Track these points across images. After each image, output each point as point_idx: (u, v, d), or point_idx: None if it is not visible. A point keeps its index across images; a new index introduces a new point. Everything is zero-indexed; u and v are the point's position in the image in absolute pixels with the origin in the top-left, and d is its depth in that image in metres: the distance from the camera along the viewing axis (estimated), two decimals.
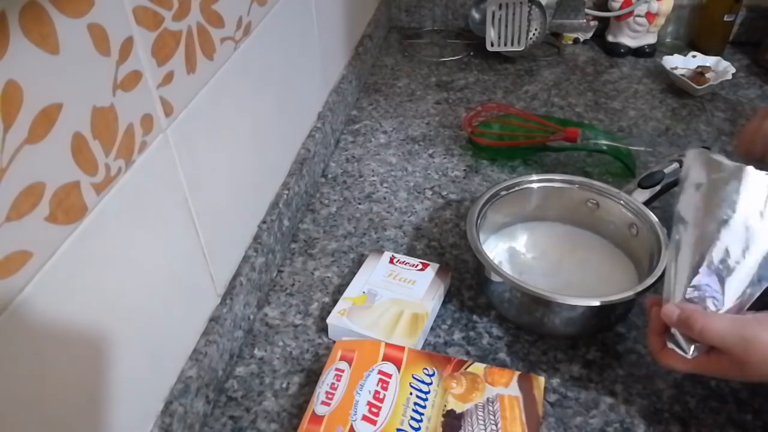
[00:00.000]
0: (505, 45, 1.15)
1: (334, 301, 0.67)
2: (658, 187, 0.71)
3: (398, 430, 0.51)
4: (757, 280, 0.46)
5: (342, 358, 0.57)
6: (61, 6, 0.35)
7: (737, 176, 0.46)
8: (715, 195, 0.47)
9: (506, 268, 0.61)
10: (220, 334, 0.59)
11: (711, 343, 0.45)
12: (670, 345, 0.47)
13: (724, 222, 0.46)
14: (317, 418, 0.52)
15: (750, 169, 0.46)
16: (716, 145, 0.94)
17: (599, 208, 0.72)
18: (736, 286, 0.46)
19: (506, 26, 1.12)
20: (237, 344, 0.63)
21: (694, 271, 0.47)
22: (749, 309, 0.47)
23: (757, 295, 0.47)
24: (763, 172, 0.46)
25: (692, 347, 0.47)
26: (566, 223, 0.74)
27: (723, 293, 0.46)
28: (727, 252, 0.46)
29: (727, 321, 0.45)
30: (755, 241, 0.45)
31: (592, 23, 1.25)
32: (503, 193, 0.72)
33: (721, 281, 0.46)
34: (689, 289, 0.47)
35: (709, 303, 0.47)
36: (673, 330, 0.48)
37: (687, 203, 0.50)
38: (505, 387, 0.54)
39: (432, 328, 0.66)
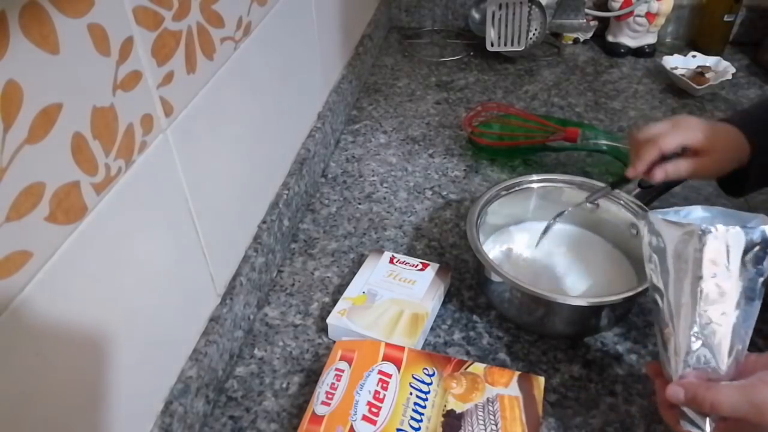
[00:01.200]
0: (505, 45, 1.15)
1: (334, 301, 0.67)
2: (658, 187, 0.71)
3: (398, 430, 0.51)
4: (744, 333, 0.46)
5: (342, 358, 0.57)
6: (61, 6, 0.35)
7: (695, 235, 0.45)
8: (680, 259, 0.46)
9: (506, 268, 0.61)
10: (220, 334, 0.59)
11: (724, 416, 0.44)
12: (686, 426, 0.46)
13: (696, 285, 0.45)
14: (317, 418, 0.52)
15: (707, 227, 0.44)
16: None
17: (599, 208, 0.72)
18: (726, 346, 0.45)
19: (506, 26, 1.12)
20: (237, 344, 0.63)
21: (685, 343, 0.46)
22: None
23: (747, 341, 0.46)
24: (721, 227, 0.45)
25: (707, 422, 0.45)
26: (566, 223, 0.74)
27: (716, 358, 0.46)
28: (707, 317, 0.45)
29: (734, 391, 0.44)
30: (729, 297, 0.45)
31: (592, 23, 1.25)
32: (503, 193, 0.72)
33: (711, 347, 0.45)
34: (684, 364, 0.46)
35: (709, 371, 0.46)
36: (684, 408, 0.47)
37: (656, 271, 0.49)
38: (505, 387, 0.54)
39: (432, 328, 0.66)
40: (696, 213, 0.50)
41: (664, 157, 0.61)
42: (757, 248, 0.44)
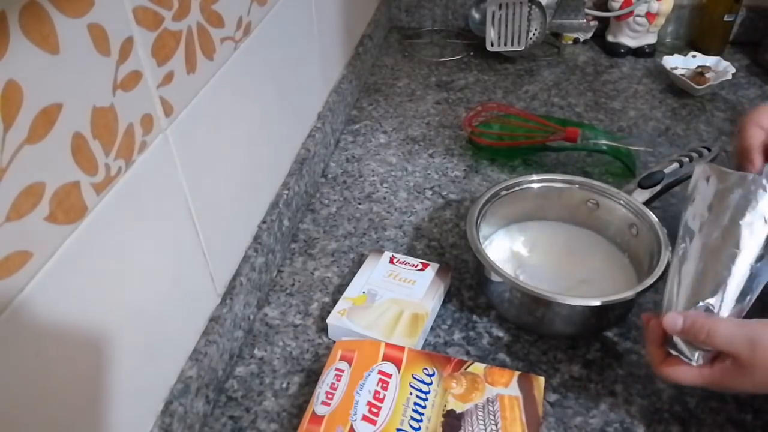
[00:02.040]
0: (505, 45, 1.15)
1: (334, 301, 0.67)
2: (658, 187, 0.71)
3: (398, 430, 0.51)
4: (756, 286, 0.46)
5: (342, 358, 0.57)
6: (61, 6, 0.35)
7: (741, 184, 0.47)
8: (720, 204, 0.48)
9: (506, 268, 0.61)
10: (220, 334, 0.59)
11: (718, 348, 0.45)
12: (673, 353, 0.47)
13: (729, 228, 0.47)
14: (317, 418, 0.52)
15: (755, 176, 0.46)
16: (717, 144, 0.94)
17: (599, 208, 0.72)
18: (735, 292, 0.46)
19: (506, 26, 1.12)
20: (237, 344, 0.63)
21: (701, 283, 0.47)
22: (746, 316, 0.48)
23: (754, 298, 0.47)
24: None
25: (696, 353, 0.46)
26: (566, 223, 0.74)
27: (726, 299, 0.46)
28: (729, 258, 0.46)
29: (733, 324, 0.45)
30: (755, 242, 0.46)
31: (592, 23, 1.25)
32: (503, 193, 0.72)
33: (726, 288, 0.46)
34: (693, 300, 0.47)
35: (713, 310, 0.47)
36: (676, 339, 0.48)
37: (694, 215, 0.51)
38: (505, 387, 0.54)
39: (432, 328, 0.66)
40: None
41: None
42: None
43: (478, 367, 0.56)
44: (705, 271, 0.47)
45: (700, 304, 0.47)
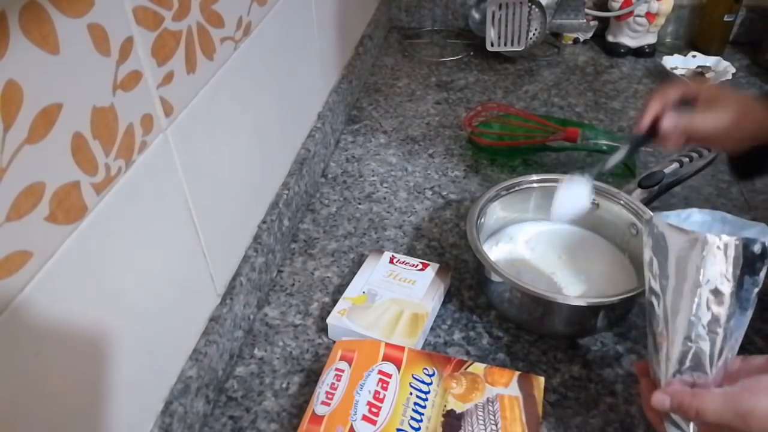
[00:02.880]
0: (505, 45, 1.15)
1: (334, 301, 0.67)
2: (658, 187, 0.71)
3: (398, 430, 0.51)
4: (734, 341, 0.46)
5: (342, 358, 0.57)
6: (61, 6, 0.35)
7: (694, 246, 0.45)
8: (680, 264, 0.46)
9: (506, 268, 0.61)
10: (220, 334, 0.59)
11: (710, 423, 0.44)
12: (670, 429, 0.46)
13: (694, 292, 0.45)
14: (317, 418, 0.52)
15: (708, 237, 0.45)
16: None
17: (599, 208, 0.72)
18: (716, 353, 0.46)
19: (506, 26, 1.12)
20: (237, 344, 0.63)
21: (677, 348, 0.46)
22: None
23: (735, 352, 0.46)
24: (725, 237, 0.45)
25: (691, 426, 0.46)
26: (566, 223, 0.74)
27: (705, 364, 0.46)
28: (702, 323, 0.45)
29: (719, 399, 0.44)
30: (725, 305, 0.45)
31: (592, 23, 1.25)
32: (503, 193, 0.72)
33: (702, 353, 0.46)
34: (674, 368, 0.47)
35: (697, 375, 0.46)
36: None
37: (654, 274, 0.49)
38: (505, 387, 0.54)
39: (432, 328, 0.66)
40: (695, 216, 0.51)
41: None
42: (756, 260, 0.44)
43: (478, 367, 0.56)
44: (678, 339, 0.46)
45: (683, 372, 0.46)
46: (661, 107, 0.61)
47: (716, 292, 0.45)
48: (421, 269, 0.69)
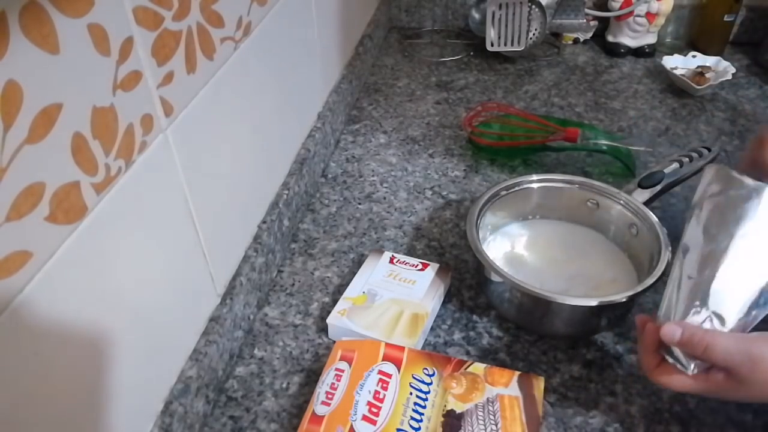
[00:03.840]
0: (505, 45, 1.14)
1: (334, 301, 0.67)
2: (658, 187, 0.71)
3: (398, 430, 0.51)
4: (764, 302, 0.45)
5: (342, 358, 0.57)
6: (61, 6, 0.35)
7: (758, 195, 0.45)
8: (731, 211, 0.46)
9: (506, 268, 0.61)
10: (220, 334, 0.59)
11: (716, 363, 0.44)
12: (670, 360, 0.46)
13: (740, 238, 0.45)
14: (317, 418, 0.52)
15: None
16: (717, 144, 0.94)
17: (599, 208, 0.72)
18: (742, 305, 0.45)
19: (506, 26, 1.12)
20: (237, 344, 0.63)
21: (704, 291, 0.45)
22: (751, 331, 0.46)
23: (762, 316, 0.45)
24: None
25: (693, 364, 0.45)
26: (566, 223, 0.74)
27: (730, 310, 0.45)
28: (737, 269, 0.45)
29: (733, 339, 0.43)
30: (765, 260, 0.45)
31: (592, 23, 1.25)
32: (503, 193, 0.72)
33: (732, 297, 0.45)
34: (696, 308, 0.46)
35: (716, 321, 0.45)
36: (673, 347, 0.47)
37: (701, 219, 0.48)
38: (505, 387, 0.54)
39: (432, 328, 0.66)
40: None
41: None
42: None
43: (478, 367, 0.56)
44: (709, 281, 0.45)
45: (702, 312, 0.46)
46: None
47: (764, 243, 0.44)
48: (421, 269, 0.69)
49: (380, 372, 0.55)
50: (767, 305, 0.45)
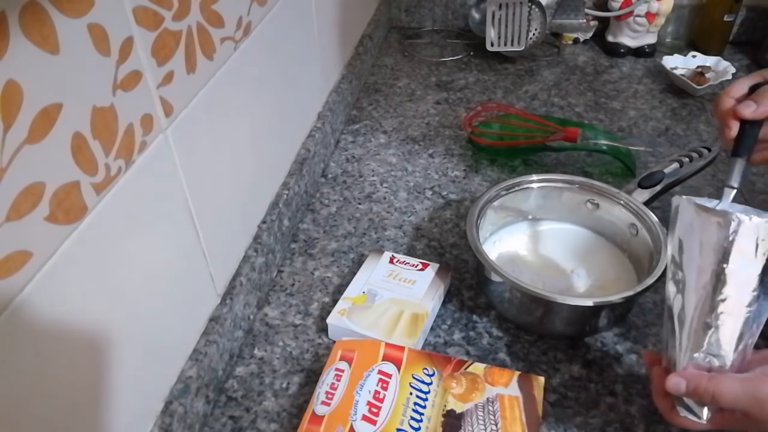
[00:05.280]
0: (505, 45, 1.14)
1: (334, 301, 0.67)
2: (658, 187, 0.71)
3: (398, 430, 0.51)
4: (751, 325, 0.45)
5: (342, 358, 0.57)
6: (61, 6, 0.35)
7: (723, 224, 0.44)
8: (704, 247, 0.45)
9: (506, 268, 0.61)
10: (220, 334, 0.59)
11: (725, 408, 0.44)
12: (683, 413, 0.46)
13: (720, 273, 0.45)
14: (317, 418, 0.52)
15: (742, 217, 0.44)
16: (717, 144, 0.94)
17: (599, 208, 0.72)
18: (736, 339, 0.45)
19: (506, 26, 1.12)
20: (237, 344, 0.63)
21: (698, 331, 0.46)
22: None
23: (754, 340, 0.46)
24: (756, 218, 0.44)
25: (704, 410, 0.45)
26: (566, 223, 0.74)
27: (725, 349, 0.45)
28: (724, 306, 0.45)
29: (737, 383, 0.43)
30: (748, 289, 0.44)
31: (592, 23, 1.25)
32: (503, 193, 0.72)
33: (722, 337, 0.45)
34: (692, 352, 0.46)
35: (715, 361, 0.46)
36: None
37: (678, 253, 0.48)
38: (505, 387, 0.54)
39: (432, 328, 0.66)
40: (722, 206, 0.49)
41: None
42: None
43: (478, 367, 0.56)
44: (699, 321, 0.46)
45: (700, 357, 0.46)
46: (734, 103, 0.56)
47: (741, 275, 0.44)
48: (421, 269, 0.69)
49: (380, 372, 0.55)
50: (754, 327, 0.45)
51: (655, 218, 0.66)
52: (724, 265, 0.44)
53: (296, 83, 0.80)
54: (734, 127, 0.56)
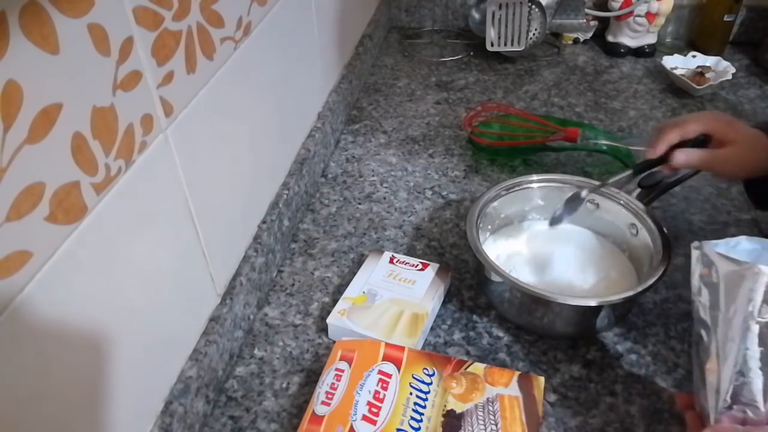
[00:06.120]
0: (505, 45, 1.14)
1: (334, 301, 0.67)
2: (658, 187, 0.71)
3: (398, 430, 0.51)
4: None
5: (342, 358, 0.57)
6: (61, 6, 0.35)
7: (751, 274, 0.44)
8: (731, 294, 0.45)
9: (506, 269, 0.61)
10: (220, 334, 0.59)
11: None
12: None
13: (746, 323, 0.45)
14: (317, 418, 0.52)
15: (762, 268, 0.44)
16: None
17: (599, 208, 0.72)
18: (763, 389, 0.45)
19: (506, 26, 1.12)
20: (237, 344, 0.63)
21: (727, 380, 0.45)
22: None
23: None
24: None
25: None
26: (566, 223, 0.74)
27: (757, 398, 0.45)
28: (753, 356, 0.45)
29: None
30: None
31: (592, 23, 1.25)
32: (503, 193, 0.72)
33: (753, 386, 0.45)
34: (724, 402, 0.46)
35: (749, 412, 0.45)
36: None
37: (702, 305, 0.48)
38: (505, 387, 0.54)
39: (432, 328, 0.66)
40: (744, 245, 0.50)
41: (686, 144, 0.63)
42: None
43: (478, 367, 0.56)
44: (728, 372, 0.45)
45: (734, 408, 0.45)
46: (678, 139, 0.64)
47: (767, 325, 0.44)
48: (421, 269, 0.69)
49: (380, 372, 0.55)
50: None
51: (655, 218, 0.66)
52: (751, 316, 0.44)
53: (296, 83, 0.80)
54: (660, 151, 0.64)
